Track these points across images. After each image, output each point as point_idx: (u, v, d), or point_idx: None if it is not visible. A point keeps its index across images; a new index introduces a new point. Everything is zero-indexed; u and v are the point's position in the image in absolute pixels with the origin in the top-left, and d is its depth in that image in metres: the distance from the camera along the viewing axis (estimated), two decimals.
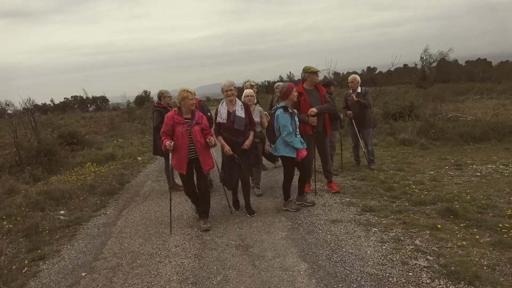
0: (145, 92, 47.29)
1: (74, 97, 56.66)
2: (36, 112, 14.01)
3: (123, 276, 3.73)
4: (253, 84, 7.39)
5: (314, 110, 5.39)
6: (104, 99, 55.05)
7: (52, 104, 52.58)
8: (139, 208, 6.02)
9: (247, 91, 5.87)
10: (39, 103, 44.96)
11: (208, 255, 4.06)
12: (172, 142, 4.50)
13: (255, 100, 5.97)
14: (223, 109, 5.06)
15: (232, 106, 5.04)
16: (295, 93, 5.04)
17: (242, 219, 5.06)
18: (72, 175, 8.44)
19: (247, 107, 5.10)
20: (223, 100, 5.13)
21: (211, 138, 4.66)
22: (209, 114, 6.72)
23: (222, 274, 3.59)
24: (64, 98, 57.53)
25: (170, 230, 4.85)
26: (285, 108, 4.94)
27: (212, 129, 5.17)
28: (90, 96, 52.74)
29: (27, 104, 13.19)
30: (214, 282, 3.46)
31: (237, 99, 5.09)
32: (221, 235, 4.57)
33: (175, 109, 4.77)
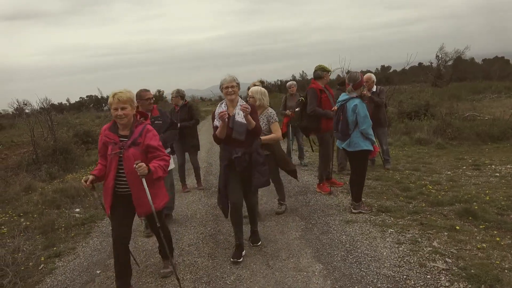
0: (159, 91, 47.70)
1: (89, 97, 57.53)
2: (53, 111, 14.24)
3: (137, 275, 3.73)
4: (258, 83, 6.88)
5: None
6: None
7: (68, 104, 53.48)
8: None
9: (253, 89, 4.75)
10: (56, 103, 45.75)
11: (221, 254, 4.05)
12: (91, 177, 3.22)
13: (264, 101, 4.65)
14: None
15: (232, 108, 3.82)
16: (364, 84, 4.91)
17: None
18: (87, 173, 8.53)
19: (253, 110, 3.83)
20: (222, 101, 3.97)
21: (141, 163, 3.02)
22: (192, 121, 6.43)
23: (235, 274, 3.57)
24: (80, 97, 58.50)
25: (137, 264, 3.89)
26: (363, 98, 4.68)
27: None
28: (105, 95, 53.44)
29: (44, 104, 13.45)
30: (228, 282, 3.44)
31: (240, 99, 3.86)
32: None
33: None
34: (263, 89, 4.75)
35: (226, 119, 3.61)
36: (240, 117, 3.69)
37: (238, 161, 3.75)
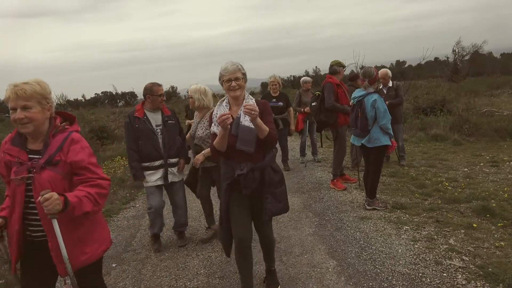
0: (172, 87, 48.01)
1: (104, 93, 58.25)
2: (69, 107, 14.48)
3: (152, 268, 3.78)
4: (276, 77, 7.07)
5: None
6: (132, 95, 56.26)
7: (83, 100, 54.26)
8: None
9: (192, 88, 4.09)
10: (71, 99, 46.49)
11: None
12: None
13: (205, 101, 4.01)
14: (220, 113, 2.67)
15: (237, 108, 2.79)
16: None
17: None
18: (103, 168, 8.66)
19: (266, 110, 2.81)
20: (224, 98, 2.91)
21: (48, 194, 1.91)
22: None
23: None
24: (95, 93, 59.27)
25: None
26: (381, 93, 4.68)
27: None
28: (119, 91, 54.05)
29: (60, 100, 13.69)
30: None
31: (247, 94, 2.86)
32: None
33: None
34: (205, 87, 4.10)
35: (229, 125, 2.55)
36: (247, 120, 2.64)
37: (245, 180, 2.71)
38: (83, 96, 55.40)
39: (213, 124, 2.81)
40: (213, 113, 2.88)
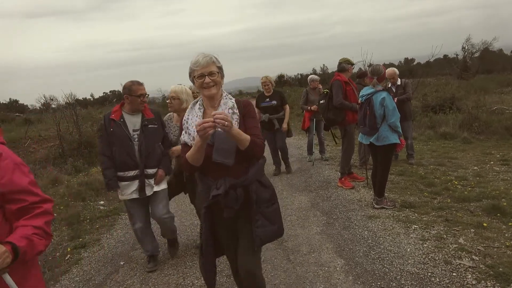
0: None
1: (112, 92, 58.65)
2: (77, 106, 14.59)
3: (160, 266, 3.79)
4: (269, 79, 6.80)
5: None
6: None
7: (92, 99, 54.69)
8: (174, 199, 6.11)
9: (177, 89, 3.77)
10: (80, 98, 46.90)
11: None
12: None
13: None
14: (192, 118, 2.28)
15: (213, 109, 2.25)
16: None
17: None
18: None
19: (248, 113, 2.28)
20: (197, 99, 2.37)
21: None
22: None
23: None
24: (103, 92, 59.74)
25: None
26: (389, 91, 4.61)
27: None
28: None
29: (69, 99, 13.77)
30: None
31: (225, 93, 2.33)
32: None
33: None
34: (187, 88, 3.81)
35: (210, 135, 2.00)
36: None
37: (224, 199, 2.16)
38: (91, 95, 55.86)
39: (183, 132, 2.27)
40: (184, 118, 2.31)
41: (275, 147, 6.97)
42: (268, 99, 6.75)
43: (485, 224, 4.01)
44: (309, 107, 7.49)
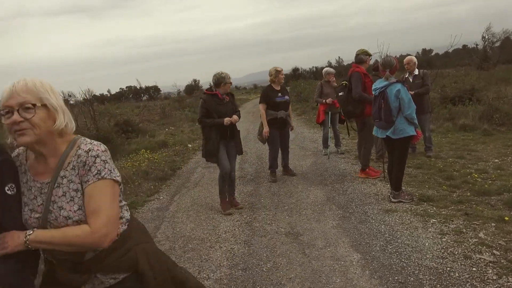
0: (195, 81, 48.47)
1: (129, 88, 59.42)
2: (95, 102, 14.82)
3: (175, 260, 3.81)
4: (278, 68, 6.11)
5: None
6: (156, 89, 57.12)
7: (109, 95, 55.50)
8: (190, 194, 6.16)
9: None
10: (97, 94, 47.66)
11: (257, 242, 4.06)
12: None
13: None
14: None
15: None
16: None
17: (291, 207, 4.99)
18: (128, 161, 8.83)
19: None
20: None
21: None
22: (237, 112, 4.80)
23: (272, 261, 3.57)
24: (120, 88, 60.58)
25: None
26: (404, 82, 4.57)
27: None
28: (143, 86, 55.00)
29: (87, 95, 14.00)
30: (264, 269, 3.45)
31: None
32: (270, 222, 4.54)
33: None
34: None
35: None
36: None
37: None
38: (108, 91, 56.69)
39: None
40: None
41: (279, 148, 6.33)
42: (280, 94, 6.08)
43: (506, 218, 3.91)
44: (324, 100, 7.41)
